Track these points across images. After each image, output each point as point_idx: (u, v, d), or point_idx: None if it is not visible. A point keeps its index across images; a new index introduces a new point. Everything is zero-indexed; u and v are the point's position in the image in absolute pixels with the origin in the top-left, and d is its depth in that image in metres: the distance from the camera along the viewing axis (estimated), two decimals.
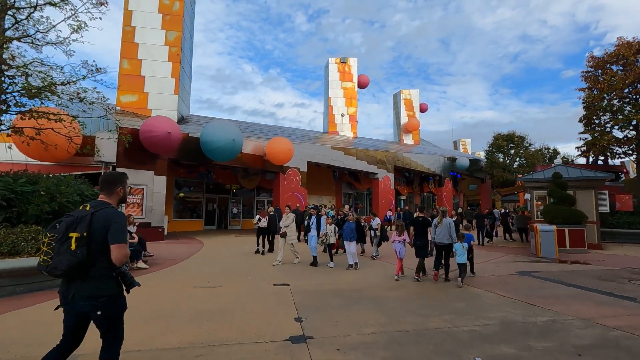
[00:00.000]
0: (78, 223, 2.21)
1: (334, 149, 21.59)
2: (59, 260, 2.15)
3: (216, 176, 19.50)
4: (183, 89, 17.22)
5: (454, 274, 7.10)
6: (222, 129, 13.81)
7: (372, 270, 8.28)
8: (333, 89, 30.50)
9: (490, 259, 10.06)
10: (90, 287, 2.20)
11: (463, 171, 34.42)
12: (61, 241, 2.18)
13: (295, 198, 18.71)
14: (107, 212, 2.28)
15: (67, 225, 2.21)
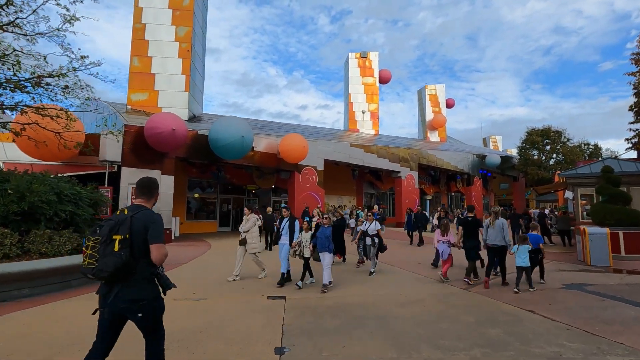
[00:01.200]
0: (120, 225, 2.30)
1: (353, 146, 20.47)
2: (105, 262, 2.22)
3: (230, 176, 18.89)
4: (195, 86, 16.72)
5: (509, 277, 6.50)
6: (230, 125, 13.08)
7: (385, 279, 7.15)
8: (353, 85, 29.35)
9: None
10: (132, 290, 2.28)
11: (494, 169, 32.27)
12: (105, 244, 2.26)
13: (311, 198, 17.78)
14: (145, 214, 2.38)
15: (109, 228, 2.29)
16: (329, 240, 6.34)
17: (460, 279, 6.82)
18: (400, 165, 23.41)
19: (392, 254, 9.71)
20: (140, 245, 2.31)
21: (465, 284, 6.55)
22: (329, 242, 6.35)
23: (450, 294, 5.86)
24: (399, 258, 9.75)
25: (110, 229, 2.28)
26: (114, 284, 2.28)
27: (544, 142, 32.99)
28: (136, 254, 2.29)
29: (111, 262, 2.20)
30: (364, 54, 29.70)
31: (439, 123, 35.61)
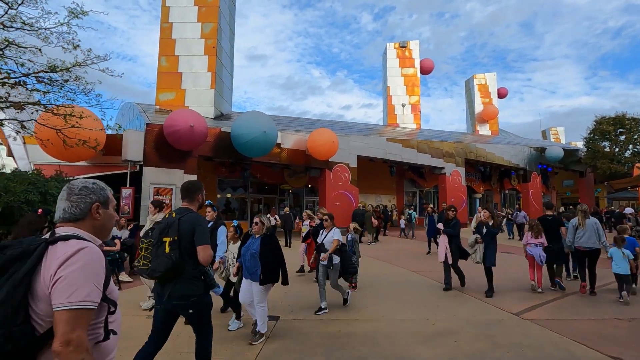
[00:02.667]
0: (169, 228, 2.47)
1: (390, 140, 18.94)
2: (158, 263, 2.40)
3: (261, 175, 18.31)
4: (222, 83, 16.35)
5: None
6: (251, 120, 12.36)
7: (406, 294, 5.83)
8: (392, 77, 27.63)
9: (610, 281, 6.72)
10: (183, 287, 2.43)
11: (555, 163, 28.65)
12: (157, 245, 2.46)
13: (344, 197, 16.61)
14: (191, 217, 2.53)
15: (160, 231, 2.49)
16: (256, 261, 3.85)
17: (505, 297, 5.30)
18: (444, 160, 21.38)
19: (418, 260, 8.25)
20: (187, 247, 2.44)
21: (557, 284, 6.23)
22: (257, 263, 3.84)
23: (495, 323, 4.43)
24: (422, 267, 8.28)
25: (161, 232, 2.45)
26: (166, 283, 2.43)
27: (616, 131, 28.73)
28: (184, 255, 2.43)
29: (162, 263, 2.36)
30: (403, 44, 27.85)
31: (490, 115, 32.51)
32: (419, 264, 8.82)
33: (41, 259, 1.18)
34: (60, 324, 1.12)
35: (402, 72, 27.66)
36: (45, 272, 1.16)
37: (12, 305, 1.10)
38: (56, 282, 1.14)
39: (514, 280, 6.80)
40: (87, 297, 1.16)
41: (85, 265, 1.19)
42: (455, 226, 6.31)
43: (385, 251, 11.54)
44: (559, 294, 5.81)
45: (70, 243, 1.21)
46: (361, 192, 22.74)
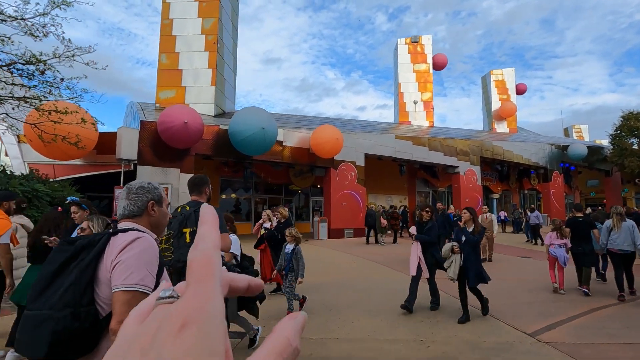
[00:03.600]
0: (187, 219, 2.58)
1: (399, 138, 18.08)
2: (181, 254, 2.49)
3: (265, 174, 17.79)
4: (224, 81, 15.90)
5: None
6: (249, 116, 11.81)
7: (393, 307, 5.07)
8: (403, 74, 26.69)
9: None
10: None
11: (579, 162, 27.06)
12: (177, 237, 2.57)
13: (350, 197, 15.88)
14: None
15: (179, 222, 2.59)
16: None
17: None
18: (459, 159, 20.35)
19: None
20: None
21: (584, 294, 5.75)
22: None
23: (504, 346, 3.64)
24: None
25: (180, 223, 2.58)
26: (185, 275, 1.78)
27: None
28: None
29: (186, 253, 2.16)
30: (415, 39, 26.87)
31: (508, 112, 31.05)
32: None
33: (105, 247, 1.31)
34: (117, 303, 1.23)
35: (413, 68, 26.68)
36: (107, 258, 1.29)
37: (80, 287, 1.22)
38: (115, 266, 1.27)
39: (531, 291, 5.95)
40: (141, 281, 1.27)
41: (141, 252, 1.31)
42: (431, 231, 5.07)
43: (389, 254, 10.75)
44: (584, 307, 4.95)
45: (129, 233, 1.36)
46: (370, 193, 21.98)
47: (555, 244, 6.21)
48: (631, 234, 5.67)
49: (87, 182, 11.71)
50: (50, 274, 1.25)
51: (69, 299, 1.20)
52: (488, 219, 9.27)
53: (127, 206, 1.47)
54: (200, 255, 0.25)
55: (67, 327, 1.18)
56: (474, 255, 4.60)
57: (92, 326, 1.23)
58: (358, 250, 11.75)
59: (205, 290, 0.23)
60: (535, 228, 13.56)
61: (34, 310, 1.21)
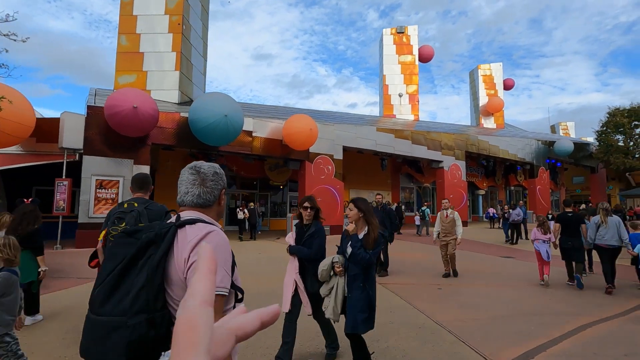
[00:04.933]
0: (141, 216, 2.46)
1: (380, 130, 17.18)
2: None
3: (237, 168, 16.71)
4: (191, 66, 14.74)
5: None
6: (211, 103, 10.72)
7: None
8: (388, 65, 25.79)
9: (631, 299, 5.07)
10: None
11: (565, 158, 26.64)
12: None
13: (327, 192, 14.93)
14: (156, 206, 2.62)
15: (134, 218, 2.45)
16: None
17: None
18: (443, 153, 19.58)
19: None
20: None
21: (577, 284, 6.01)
22: None
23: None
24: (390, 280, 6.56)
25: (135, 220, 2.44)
26: None
27: (631, 124, 26.72)
28: None
29: None
30: (401, 29, 25.97)
31: (495, 107, 30.45)
32: (392, 278, 7.14)
33: (172, 242, 1.15)
34: None
35: (399, 60, 25.80)
36: (179, 256, 1.14)
37: (153, 289, 1.08)
38: (191, 265, 1.12)
39: (510, 302, 5.08)
40: (221, 283, 1.12)
41: (216, 248, 1.15)
42: (314, 239, 3.23)
43: None
44: (572, 323, 4.10)
45: (199, 226, 1.19)
46: (352, 188, 21.10)
47: (539, 239, 6.36)
48: (618, 229, 5.86)
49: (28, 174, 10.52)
50: (117, 274, 1.10)
51: (142, 304, 1.07)
52: (449, 218, 7.05)
53: (203, 194, 1.29)
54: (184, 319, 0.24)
55: (142, 335, 1.05)
56: (363, 281, 2.80)
57: (168, 332, 1.09)
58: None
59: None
60: (516, 226, 12.55)
61: (103, 315, 1.07)
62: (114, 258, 1.13)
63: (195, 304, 0.24)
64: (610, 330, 3.82)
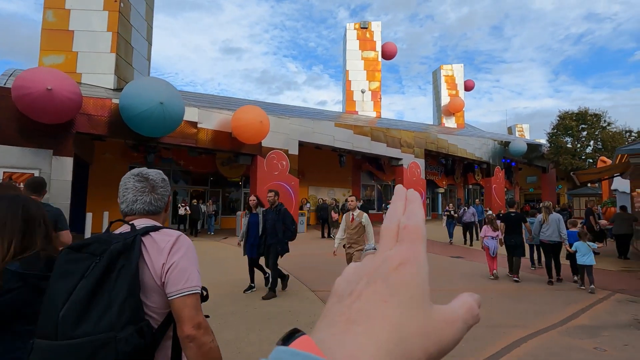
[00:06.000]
0: None
1: (339, 126, 16.67)
2: None
3: (185, 162, 15.58)
4: (131, 50, 13.43)
5: None
6: (145, 88, 9.64)
7: None
8: (351, 61, 25.38)
9: (570, 304, 4.81)
10: None
11: (519, 158, 27.61)
12: None
13: (280, 189, 14.12)
14: (52, 207, 2.80)
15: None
16: None
17: None
18: (402, 151, 19.43)
19: None
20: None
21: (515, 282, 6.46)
22: None
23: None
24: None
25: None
26: None
27: (579, 127, 28.20)
28: None
29: None
30: (364, 24, 25.63)
31: (456, 107, 31.03)
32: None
33: (141, 250, 1.14)
34: (185, 309, 1.13)
35: (362, 55, 25.47)
36: (155, 262, 1.14)
37: (136, 298, 1.07)
38: (169, 269, 1.14)
39: None
40: (199, 282, 1.19)
41: (188, 251, 1.21)
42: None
43: (314, 254, 9.24)
44: (508, 337, 3.68)
45: (165, 232, 1.21)
46: (311, 185, 20.53)
47: (488, 235, 6.90)
48: (558, 226, 6.32)
49: None
50: (88, 291, 1.04)
51: (129, 315, 1.05)
52: (355, 222, 5.27)
53: (155, 201, 1.29)
54: (414, 223, 0.28)
55: (136, 346, 1.03)
56: None
57: (153, 341, 1.10)
58: None
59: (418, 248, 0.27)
60: (469, 226, 11.90)
61: (80, 336, 0.99)
62: (70, 276, 1.07)
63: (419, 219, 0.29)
64: (546, 346, 3.43)
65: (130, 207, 1.25)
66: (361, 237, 5.24)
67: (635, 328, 3.95)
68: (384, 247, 0.28)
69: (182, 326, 1.11)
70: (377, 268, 0.26)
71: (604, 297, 5.26)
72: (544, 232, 6.48)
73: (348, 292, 0.26)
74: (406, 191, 0.34)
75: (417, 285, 0.25)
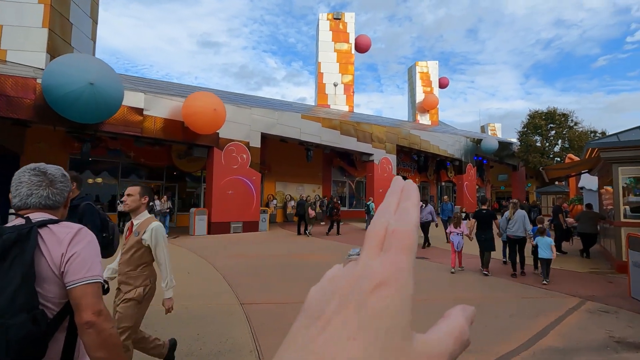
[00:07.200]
0: None
1: (306, 118, 15.76)
2: None
3: (136, 154, 14.23)
4: (71, 27, 11.95)
5: None
6: (73, 65, 8.36)
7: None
8: (324, 52, 24.48)
9: (538, 316, 4.15)
10: None
11: (490, 155, 27.72)
12: None
13: (239, 184, 13.16)
14: None
15: None
16: None
17: None
18: (373, 146, 18.78)
19: None
20: None
21: (484, 275, 6.65)
22: None
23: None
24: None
25: None
26: None
27: (548, 126, 28.68)
28: None
29: None
30: (338, 15, 24.77)
31: (431, 104, 30.82)
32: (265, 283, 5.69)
33: (37, 241, 1.15)
34: (85, 297, 1.14)
35: (335, 47, 24.61)
36: (52, 252, 1.15)
37: (30, 286, 1.08)
38: (70, 259, 1.15)
39: None
40: (100, 272, 1.21)
41: (90, 243, 1.22)
42: None
43: (275, 254, 8.31)
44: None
45: (66, 224, 1.23)
46: (278, 180, 19.55)
47: (453, 232, 7.18)
48: (523, 222, 6.62)
49: None
50: None
51: (22, 302, 1.06)
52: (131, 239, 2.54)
53: (52, 196, 1.29)
54: (404, 228, 0.25)
55: (29, 333, 1.04)
56: None
57: (49, 330, 1.11)
58: (230, 251, 9.15)
59: (403, 261, 0.23)
60: (426, 225, 10.38)
61: None
62: None
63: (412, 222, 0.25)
64: None
65: (24, 201, 1.25)
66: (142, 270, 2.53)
67: (612, 350, 3.29)
68: (367, 256, 0.25)
69: (82, 313, 1.11)
70: (352, 286, 0.23)
71: (574, 307, 4.64)
72: (510, 227, 6.81)
73: (317, 313, 0.23)
74: (404, 183, 0.29)
75: (395, 314, 0.22)
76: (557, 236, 9.60)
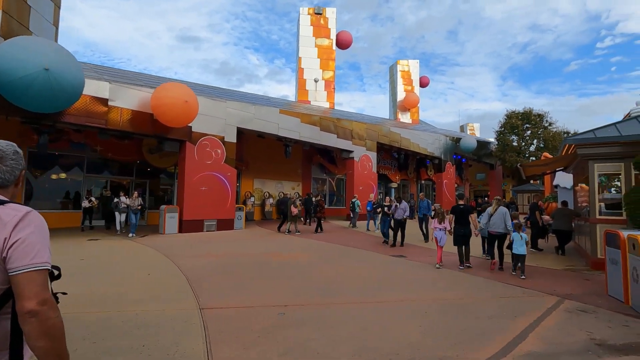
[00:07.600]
0: None
1: (284, 113, 15.33)
2: None
3: (103, 148, 13.43)
4: (29, 10, 11.05)
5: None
6: (25, 48, 7.64)
7: None
8: (304, 48, 24.07)
9: (517, 317, 3.95)
10: None
11: (469, 154, 28.07)
12: None
13: (213, 181, 12.61)
14: None
15: None
16: None
17: None
18: (353, 143, 18.54)
19: None
20: None
21: (466, 267, 6.94)
22: None
23: None
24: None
25: None
26: None
27: (524, 126, 29.33)
28: None
29: None
30: (319, 10, 24.39)
31: (411, 103, 30.94)
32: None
33: None
34: (30, 284, 1.08)
35: (316, 43, 24.23)
36: None
37: None
38: (14, 244, 1.09)
39: (359, 341, 3.56)
40: (49, 259, 1.15)
41: (39, 227, 1.16)
42: None
43: (247, 253, 7.88)
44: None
45: (12, 206, 1.15)
46: (256, 177, 19.04)
47: (437, 227, 7.26)
48: (504, 218, 6.76)
49: None
50: None
51: None
52: None
53: (1, 173, 1.22)
54: None
55: None
56: None
57: None
58: (199, 250, 8.66)
59: None
60: (400, 224, 9.77)
61: None
62: None
63: None
64: None
65: None
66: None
67: (593, 353, 3.08)
68: None
69: (24, 302, 1.06)
70: None
71: (553, 306, 4.47)
72: (492, 223, 6.93)
73: None
74: None
75: None
76: (533, 233, 9.62)
